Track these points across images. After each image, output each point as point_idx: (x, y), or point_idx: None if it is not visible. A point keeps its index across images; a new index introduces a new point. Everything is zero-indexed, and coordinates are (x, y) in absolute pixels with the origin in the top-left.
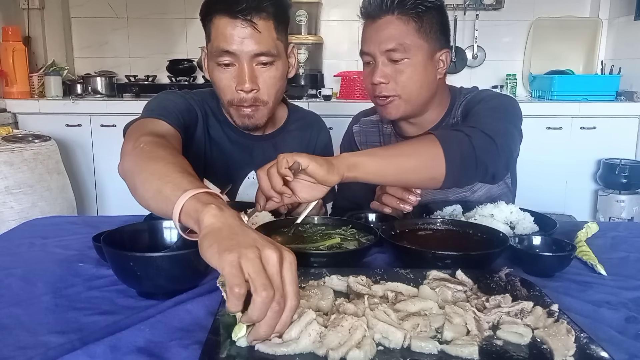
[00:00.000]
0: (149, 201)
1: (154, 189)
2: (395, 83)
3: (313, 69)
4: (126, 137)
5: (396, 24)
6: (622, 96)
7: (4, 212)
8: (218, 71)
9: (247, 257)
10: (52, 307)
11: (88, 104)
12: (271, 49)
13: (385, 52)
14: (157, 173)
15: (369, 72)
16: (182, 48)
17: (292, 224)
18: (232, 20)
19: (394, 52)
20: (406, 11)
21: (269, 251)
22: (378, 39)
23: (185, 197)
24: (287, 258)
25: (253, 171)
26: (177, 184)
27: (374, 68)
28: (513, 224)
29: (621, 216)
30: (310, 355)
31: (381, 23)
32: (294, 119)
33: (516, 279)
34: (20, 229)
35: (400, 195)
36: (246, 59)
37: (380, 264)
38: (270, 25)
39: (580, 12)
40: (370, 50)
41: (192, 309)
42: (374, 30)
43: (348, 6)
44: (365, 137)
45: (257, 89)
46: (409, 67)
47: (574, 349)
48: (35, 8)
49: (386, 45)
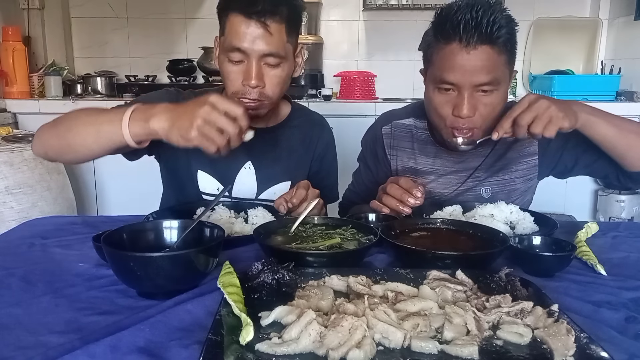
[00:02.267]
0: (92, 145)
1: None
2: (480, 114)
3: (313, 69)
4: None
5: (491, 55)
6: (622, 96)
7: (4, 212)
8: (228, 64)
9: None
10: (52, 307)
11: (88, 104)
12: (280, 50)
13: (477, 85)
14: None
15: (448, 101)
16: (182, 48)
17: (292, 224)
18: (246, 19)
19: (486, 86)
20: (499, 42)
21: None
22: (471, 71)
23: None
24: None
25: (249, 161)
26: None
27: (458, 99)
28: (513, 224)
29: (621, 216)
30: (310, 355)
31: (476, 54)
32: (297, 116)
33: (516, 279)
34: (20, 229)
35: (399, 197)
36: (255, 58)
37: (380, 264)
38: (282, 28)
39: (580, 12)
40: (459, 81)
41: (192, 309)
42: (466, 60)
43: (348, 6)
44: (397, 141)
45: (263, 85)
46: (496, 99)
47: (574, 349)
48: (35, 8)
49: (480, 79)
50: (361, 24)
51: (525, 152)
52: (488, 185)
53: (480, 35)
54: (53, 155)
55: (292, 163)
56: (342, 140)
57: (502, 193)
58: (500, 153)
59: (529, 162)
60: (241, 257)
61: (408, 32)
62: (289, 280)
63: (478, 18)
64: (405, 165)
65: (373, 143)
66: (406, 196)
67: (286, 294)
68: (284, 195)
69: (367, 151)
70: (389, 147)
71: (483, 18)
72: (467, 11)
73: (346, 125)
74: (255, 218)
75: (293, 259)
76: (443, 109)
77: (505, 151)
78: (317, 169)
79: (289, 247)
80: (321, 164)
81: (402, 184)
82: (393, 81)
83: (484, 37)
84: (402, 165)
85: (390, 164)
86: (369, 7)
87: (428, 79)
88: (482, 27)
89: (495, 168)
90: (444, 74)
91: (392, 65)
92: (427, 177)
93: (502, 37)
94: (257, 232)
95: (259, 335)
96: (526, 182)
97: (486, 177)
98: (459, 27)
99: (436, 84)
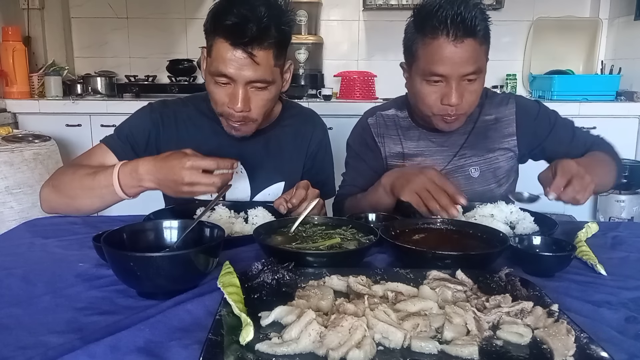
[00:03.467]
0: (98, 204)
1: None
2: (466, 101)
3: (313, 69)
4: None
5: (475, 47)
6: (622, 96)
7: (4, 212)
8: (214, 85)
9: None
10: (52, 307)
11: (88, 104)
12: (267, 77)
13: (464, 75)
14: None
15: (436, 91)
16: (182, 48)
17: (292, 224)
18: (233, 48)
19: (471, 75)
20: (480, 35)
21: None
22: (459, 63)
23: (115, 179)
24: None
25: (241, 165)
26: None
27: (447, 89)
28: (513, 224)
29: (621, 216)
30: (310, 355)
31: (463, 46)
32: (288, 115)
33: (516, 279)
34: (20, 229)
35: (444, 205)
36: (241, 83)
37: (380, 264)
38: (270, 54)
39: (580, 12)
40: (447, 72)
41: (192, 309)
42: (453, 52)
43: (348, 6)
44: (382, 129)
45: (249, 109)
46: (478, 85)
47: (574, 349)
48: (35, 8)
49: (467, 69)
50: (361, 24)
51: (505, 132)
52: (475, 164)
53: (466, 29)
54: (62, 213)
55: (284, 163)
56: (341, 140)
57: (489, 172)
58: (482, 132)
59: (509, 142)
60: (241, 257)
61: None
62: (289, 280)
63: (462, 14)
64: (393, 151)
65: (361, 135)
66: (451, 207)
67: (286, 294)
68: (284, 195)
69: (355, 144)
70: (377, 135)
71: (465, 13)
72: (450, 7)
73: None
74: (255, 218)
75: (293, 259)
76: (431, 99)
77: (486, 130)
78: (311, 165)
79: (289, 247)
80: (315, 161)
81: (443, 185)
82: (393, 81)
83: (468, 30)
84: (390, 151)
85: (380, 150)
86: (369, 7)
87: (414, 72)
88: (466, 21)
89: (480, 147)
90: (433, 67)
91: (392, 65)
92: (415, 159)
93: (482, 30)
94: (257, 232)
95: (259, 335)
96: (509, 161)
97: (471, 155)
98: (446, 22)
99: (424, 77)
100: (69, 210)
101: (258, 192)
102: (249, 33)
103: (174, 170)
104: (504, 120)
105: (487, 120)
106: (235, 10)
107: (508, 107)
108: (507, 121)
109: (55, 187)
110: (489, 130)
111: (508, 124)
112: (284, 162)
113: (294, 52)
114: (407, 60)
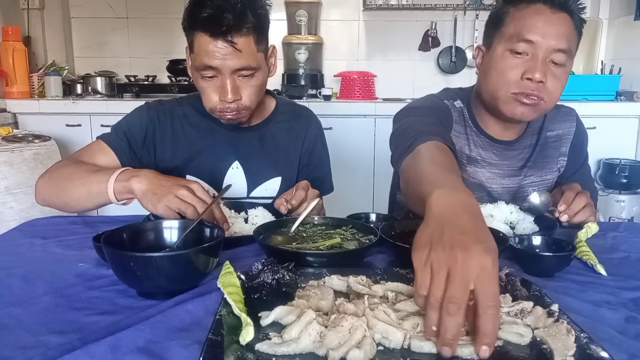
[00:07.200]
0: (84, 203)
1: (84, 195)
2: (550, 85)
3: (313, 69)
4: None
5: (570, 24)
6: (622, 96)
7: (4, 212)
8: (202, 81)
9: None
10: (52, 307)
11: (88, 104)
12: (252, 63)
13: (554, 50)
14: (78, 181)
15: (519, 64)
16: (182, 48)
17: (292, 224)
18: (213, 39)
19: (560, 54)
20: (576, 16)
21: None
22: (552, 33)
23: (111, 183)
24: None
25: (236, 161)
26: (99, 180)
27: (532, 62)
28: (513, 224)
29: (621, 216)
30: (310, 355)
31: (559, 17)
32: (282, 111)
33: (516, 279)
34: (20, 229)
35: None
36: (227, 73)
37: (380, 264)
38: (251, 40)
39: None
40: (538, 40)
41: (192, 309)
42: (546, 21)
43: (348, 6)
44: (456, 116)
45: (240, 98)
46: (564, 74)
47: (574, 349)
48: (35, 8)
49: (558, 44)
50: (361, 24)
51: (561, 150)
52: (534, 185)
53: (565, 2)
54: (55, 208)
55: (280, 159)
56: (341, 139)
57: None
58: (543, 149)
59: (560, 162)
60: (241, 257)
61: (408, 32)
62: (289, 280)
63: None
64: (457, 146)
65: (436, 103)
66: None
67: (286, 294)
68: (284, 195)
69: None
70: (454, 121)
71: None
72: None
73: (346, 125)
74: (255, 218)
75: (293, 259)
76: (512, 73)
77: (546, 148)
78: (308, 161)
79: (289, 247)
80: (311, 157)
81: None
82: (393, 81)
83: (566, 5)
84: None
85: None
86: (369, 7)
87: (497, 43)
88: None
89: (539, 165)
90: (523, 32)
91: (392, 65)
92: (474, 166)
93: (578, 11)
94: (257, 232)
95: (259, 335)
96: (553, 182)
97: (532, 175)
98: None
99: (511, 45)
100: (58, 204)
101: (255, 187)
102: (226, 22)
103: (174, 180)
104: (564, 138)
105: (549, 136)
106: (209, 2)
107: (570, 124)
108: (566, 139)
109: (50, 177)
110: (549, 149)
111: (566, 142)
112: (280, 157)
113: (294, 52)
114: (488, 35)
